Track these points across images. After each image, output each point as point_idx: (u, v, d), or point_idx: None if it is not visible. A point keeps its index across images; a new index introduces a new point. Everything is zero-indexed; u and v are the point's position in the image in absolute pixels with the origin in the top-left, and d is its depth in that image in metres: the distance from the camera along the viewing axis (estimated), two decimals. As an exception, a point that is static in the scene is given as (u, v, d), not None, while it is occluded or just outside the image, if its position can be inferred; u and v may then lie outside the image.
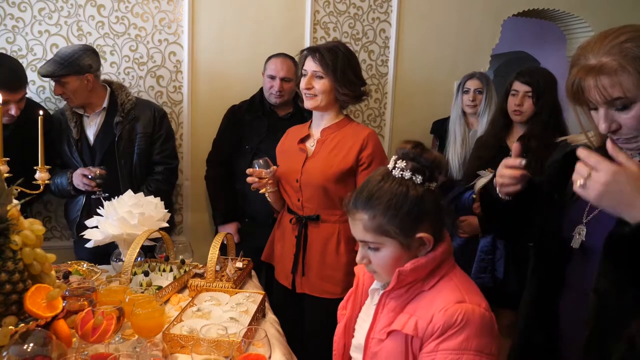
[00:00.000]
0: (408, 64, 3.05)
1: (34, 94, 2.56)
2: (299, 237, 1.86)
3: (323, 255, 1.83)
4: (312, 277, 1.84)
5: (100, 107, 2.35)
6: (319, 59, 1.77)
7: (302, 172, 1.83)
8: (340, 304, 1.28)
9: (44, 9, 2.53)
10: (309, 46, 1.83)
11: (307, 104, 1.82)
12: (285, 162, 1.93)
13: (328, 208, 1.83)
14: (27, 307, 0.97)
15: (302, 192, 1.84)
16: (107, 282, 1.61)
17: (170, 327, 1.34)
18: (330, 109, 1.85)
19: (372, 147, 1.80)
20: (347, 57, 1.80)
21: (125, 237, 1.73)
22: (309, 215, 1.85)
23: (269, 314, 1.59)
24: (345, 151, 1.80)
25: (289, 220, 1.90)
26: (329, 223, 1.83)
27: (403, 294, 1.07)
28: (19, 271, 0.98)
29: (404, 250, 1.05)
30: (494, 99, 2.57)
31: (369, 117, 3.06)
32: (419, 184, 1.05)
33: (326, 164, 1.80)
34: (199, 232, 2.86)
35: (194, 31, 2.72)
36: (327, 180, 1.79)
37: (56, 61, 2.20)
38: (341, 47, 1.81)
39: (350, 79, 1.80)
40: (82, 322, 1.14)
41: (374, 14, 2.96)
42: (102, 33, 2.61)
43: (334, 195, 1.80)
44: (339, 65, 1.76)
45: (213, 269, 1.65)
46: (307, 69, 1.80)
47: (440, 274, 1.07)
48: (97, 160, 2.32)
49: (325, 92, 1.79)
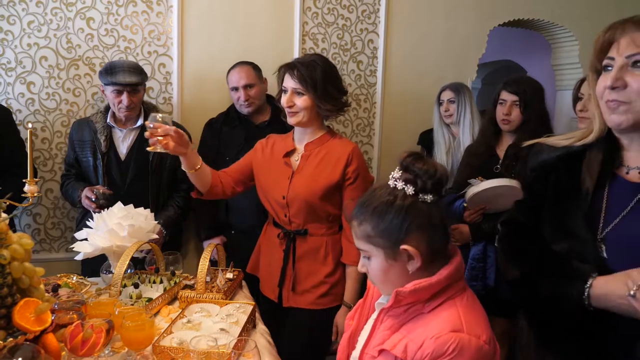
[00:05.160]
0: (396, 74, 3.09)
1: (23, 107, 2.56)
2: (287, 251, 1.85)
3: (311, 267, 1.83)
4: (301, 290, 1.84)
5: (135, 124, 2.37)
6: (297, 76, 1.73)
7: (289, 189, 1.80)
8: (348, 313, 1.25)
9: (33, 22, 2.53)
10: (286, 62, 1.80)
11: (290, 120, 1.80)
12: (268, 175, 1.88)
13: (315, 222, 1.82)
14: (16, 321, 0.97)
15: (289, 208, 1.81)
16: (96, 294, 1.60)
17: (160, 339, 1.33)
18: (313, 123, 1.83)
19: (357, 162, 1.79)
20: (326, 71, 1.76)
21: (115, 249, 1.73)
22: (297, 230, 1.84)
23: (259, 325, 1.59)
24: (331, 167, 1.79)
25: (277, 235, 1.88)
26: (317, 236, 1.83)
27: (401, 314, 1.02)
28: (7, 285, 0.98)
29: (391, 261, 1.01)
30: (469, 106, 2.67)
31: (358, 127, 3.09)
32: (411, 194, 0.99)
33: (312, 180, 1.78)
34: (187, 244, 2.85)
35: (183, 43, 2.74)
36: (314, 196, 1.77)
37: (132, 71, 2.25)
38: (319, 60, 1.77)
39: (331, 94, 1.77)
40: (71, 335, 1.14)
41: (362, 25, 3.01)
42: (91, 45, 2.62)
43: (320, 210, 1.80)
44: (318, 81, 1.73)
45: (203, 280, 1.65)
46: (287, 86, 1.77)
47: (444, 298, 1.00)
48: (129, 175, 2.35)
49: (307, 108, 1.76)
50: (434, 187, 0.99)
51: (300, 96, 1.75)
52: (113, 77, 2.24)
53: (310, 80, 1.72)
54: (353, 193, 1.78)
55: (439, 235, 1.01)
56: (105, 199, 2.15)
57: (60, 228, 2.70)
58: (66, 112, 2.63)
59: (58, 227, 2.69)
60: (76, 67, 2.62)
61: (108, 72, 2.26)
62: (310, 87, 1.73)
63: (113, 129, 2.38)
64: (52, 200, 2.66)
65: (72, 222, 2.65)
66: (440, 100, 2.76)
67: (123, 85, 2.24)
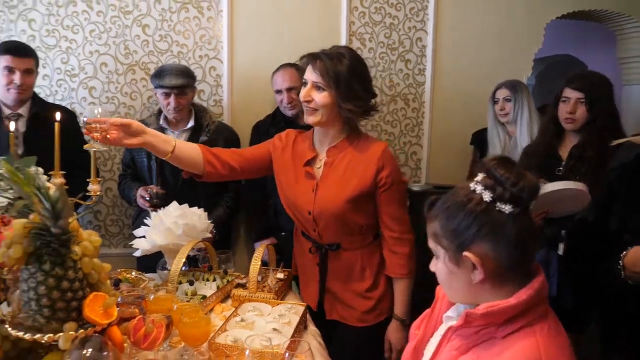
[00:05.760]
0: (446, 72, 3.03)
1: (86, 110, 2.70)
2: (322, 264, 1.73)
3: (349, 283, 1.72)
4: (340, 306, 1.74)
5: (186, 125, 2.45)
6: (319, 67, 1.54)
7: (315, 203, 1.64)
8: (414, 322, 1.19)
9: (94, 31, 2.67)
10: (310, 52, 1.60)
11: (307, 119, 1.61)
12: (290, 184, 1.71)
13: (348, 235, 1.68)
14: (86, 314, 1.02)
15: (317, 224, 1.66)
16: (154, 290, 1.67)
17: (215, 336, 1.37)
18: (333, 125, 1.63)
19: (390, 166, 1.62)
20: (354, 66, 1.56)
21: (171, 247, 1.78)
22: (329, 244, 1.70)
23: (310, 326, 1.59)
24: (359, 174, 1.61)
25: (309, 250, 1.76)
26: (350, 251, 1.70)
27: (472, 335, 0.93)
28: (78, 280, 1.03)
29: (453, 266, 0.95)
30: (527, 104, 2.56)
31: (406, 127, 3.05)
32: (487, 201, 0.91)
33: (339, 192, 1.61)
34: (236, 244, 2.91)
35: (232, 46, 2.80)
36: (342, 210, 1.61)
37: (178, 74, 2.33)
38: (347, 54, 1.57)
39: (356, 93, 1.56)
40: (134, 329, 1.19)
41: (410, 23, 2.97)
42: (147, 51, 2.73)
43: (351, 223, 1.64)
44: (343, 76, 1.53)
45: (255, 279, 1.68)
46: (307, 78, 1.58)
47: (521, 323, 0.89)
48: (181, 176, 2.43)
49: (326, 106, 1.56)
50: (514, 198, 0.89)
51: (320, 91, 1.56)
52: (161, 80, 2.33)
53: (334, 74, 1.53)
54: (390, 198, 1.64)
55: (511, 250, 0.90)
56: (158, 198, 2.23)
57: (118, 225, 2.83)
58: (124, 115, 2.75)
59: (116, 224, 2.82)
60: (133, 72, 2.73)
61: (157, 75, 2.36)
62: (332, 82, 1.53)
63: (165, 130, 2.46)
64: (111, 198, 2.80)
65: (129, 220, 2.77)
66: (495, 99, 2.66)
67: (170, 88, 2.32)
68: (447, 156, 3.09)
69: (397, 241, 1.67)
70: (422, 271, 1.64)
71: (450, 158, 3.09)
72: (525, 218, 0.91)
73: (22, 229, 0.98)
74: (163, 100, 2.37)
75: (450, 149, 3.08)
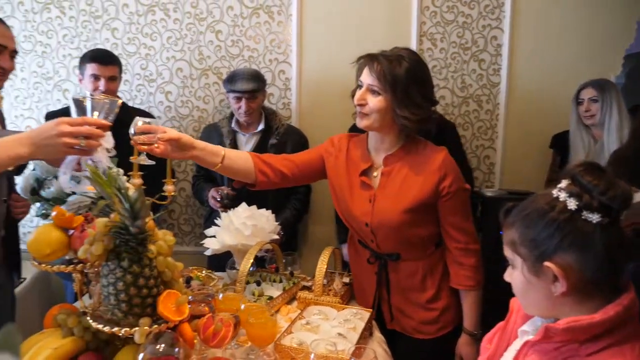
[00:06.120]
0: (523, 72, 2.87)
1: (162, 114, 2.83)
2: (380, 274, 1.69)
3: (409, 294, 1.67)
4: (400, 316, 1.69)
5: (256, 128, 2.52)
6: (376, 70, 1.46)
7: (373, 215, 1.59)
8: (486, 335, 1.14)
9: (171, 38, 2.80)
10: (368, 53, 1.53)
11: (359, 122, 1.55)
12: (345, 192, 1.66)
13: (408, 246, 1.62)
14: (160, 311, 1.06)
15: (375, 235, 1.62)
16: (223, 289, 1.71)
17: (281, 337, 1.37)
18: (389, 131, 1.57)
19: (452, 175, 1.54)
20: (414, 70, 1.46)
21: (240, 247, 1.82)
22: (389, 254, 1.65)
23: (375, 333, 1.56)
24: (419, 184, 1.54)
25: (367, 260, 1.71)
26: (411, 261, 1.64)
27: (551, 351, 0.88)
28: (153, 277, 1.08)
29: (532, 277, 0.90)
30: (616, 106, 2.36)
31: (479, 130, 2.93)
32: (572, 209, 0.85)
33: (398, 202, 1.55)
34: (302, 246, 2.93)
35: (301, 50, 2.83)
36: (402, 221, 1.55)
37: (250, 78, 2.40)
38: (408, 56, 1.48)
39: (413, 99, 1.47)
40: (204, 327, 1.22)
41: (485, 21, 2.84)
42: (219, 56, 2.82)
43: (412, 234, 1.59)
44: (400, 80, 1.44)
45: (321, 282, 1.67)
46: (363, 81, 1.51)
47: (609, 342, 0.83)
48: None
49: (380, 111, 1.49)
50: (603, 207, 0.83)
51: (375, 95, 1.49)
52: (233, 85, 2.39)
53: (391, 77, 1.44)
54: (453, 208, 1.57)
55: (598, 263, 0.84)
56: (228, 199, 2.29)
57: (190, 224, 2.94)
58: (197, 118, 2.86)
59: (189, 222, 2.94)
60: (206, 77, 2.84)
61: (229, 80, 2.43)
62: (389, 87, 1.45)
63: (237, 133, 2.53)
64: (184, 198, 2.92)
65: (201, 219, 2.88)
66: (579, 99, 2.48)
67: (241, 93, 2.38)
68: (523, 160, 2.92)
69: (463, 252, 1.60)
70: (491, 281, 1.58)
71: (526, 162, 2.92)
72: (615, 229, 0.85)
73: (104, 227, 1.03)
74: (235, 104, 2.44)
75: (527, 153, 2.91)
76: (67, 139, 1.08)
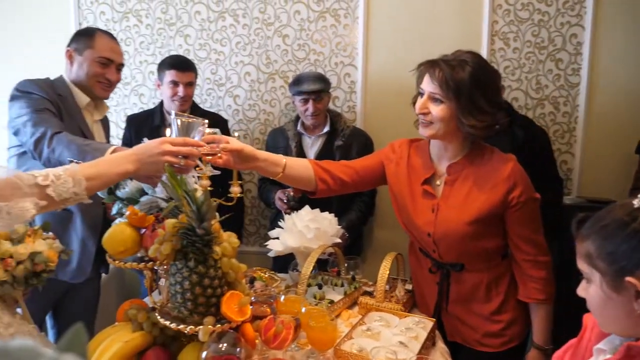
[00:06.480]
0: (606, 71, 2.67)
1: (230, 117, 2.92)
2: (442, 284, 1.62)
3: (472, 305, 1.60)
4: (462, 327, 1.62)
5: (322, 130, 2.55)
6: (438, 78, 1.40)
7: (435, 225, 1.53)
8: (556, 352, 1.09)
9: (240, 43, 2.88)
10: (428, 60, 1.47)
11: (422, 131, 1.50)
12: (406, 204, 1.61)
13: (473, 256, 1.55)
14: (223, 311, 1.09)
15: (438, 246, 1.56)
16: (285, 291, 1.72)
17: (341, 343, 1.36)
18: (453, 139, 1.51)
19: (522, 184, 1.45)
20: (478, 75, 1.39)
21: (302, 250, 1.84)
22: (452, 264, 1.59)
23: (438, 343, 1.51)
24: (485, 194, 1.47)
25: (428, 269, 1.66)
26: (475, 272, 1.57)
27: None
28: (218, 278, 1.11)
29: (611, 292, 0.85)
30: None
31: (555, 133, 2.76)
32: None
33: (463, 213, 1.48)
34: (367, 249, 2.90)
35: (367, 52, 2.80)
36: (466, 233, 1.48)
37: (315, 80, 2.44)
38: (472, 60, 1.41)
39: (479, 106, 1.40)
40: (265, 328, 1.24)
41: (563, 19, 2.67)
42: (285, 60, 2.87)
43: (477, 246, 1.52)
44: (464, 87, 1.38)
45: (383, 288, 1.64)
46: (424, 88, 1.45)
47: None
48: None
49: (444, 120, 1.43)
50: None
51: (437, 104, 1.43)
52: (299, 87, 2.42)
53: (454, 84, 1.38)
54: (522, 219, 1.48)
55: None
56: (294, 200, 2.32)
57: (255, 224, 3.01)
58: (263, 121, 2.92)
59: (254, 223, 3.01)
60: (273, 81, 2.89)
61: (295, 83, 2.46)
62: (452, 94, 1.39)
63: (303, 135, 2.56)
64: (250, 199, 2.99)
65: (266, 220, 2.94)
66: None
67: (308, 93, 2.41)
68: (604, 166, 2.71)
69: (532, 265, 1.51)
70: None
71: (607, 168, 2.71)
72: None
73: (172, 228, 1.08)
74: (301, 106, 2.46)
75: (609, 159, 2.70)
76: (169, 158, 1.15)
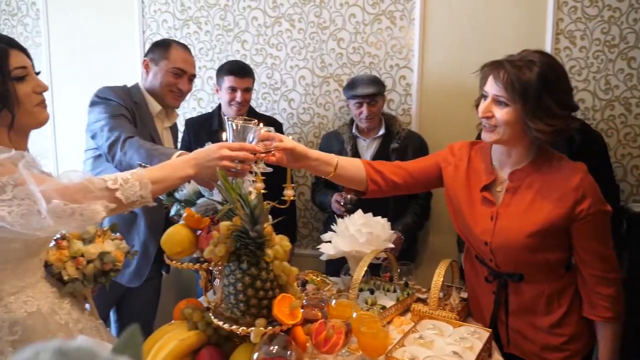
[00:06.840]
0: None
1: (285, 120, 2.96)
2: (499, 294, 1.55)
3: (529, 316, 1.52)
4: (520, 339, 1.55)
5: (377, 133, 2.55)
6: (502, 80, 1.32)
7: (494, 234, 1.46)
8: None
9: (295, 47, 2.91)
10: (493, 60, 1.40)
11: (485, 136, 1.43)
12: (464, 209, 1.55)
13: (533, 268, 1.47)
14: (274, 313, 1.10)
15: (495, 255, 1.50)
16: (337, 295, 1.72)
17: (393, 350, 1.34)
18: (517, 144, 1.43)
19: (591, 196, 1.36)
20: (546, 75, 1.30)
21: (354, 254, 1.83)
22: (510, 274, 1.51)
23: (495, 354, 1.45)
24: (551, 204, 1.38)
25: (485, 278, 1.59)
26: (534, 284, 1.49)
27: None
28: (270, 280, 1.12)
29: None
30: None
31: (626, 137, 2.58)
32: None
33: (524, 223, 1.40)
34: (422, 254, 2.84)
35: (423, 54, 2.75)
36: (526, 245, 1.41)
37: (370, 83, 2.44)
38: (540, 60, 1.32)
39: (548, 108, 1.31)
40: (316, 332, 1.24)
41: (637, 14, 2.51)
42: (340, 63, 2.87)
43: (538, 258, 1.43)
44: (531, 88, 1.29)
45: (436, 296, 1.60)
46: (488, 90, 1.38)
47: None
48: None
49: (509, 124, 1.35)
50: None
51: (502, 107, 1.35)
52: (354, 90, 2.42)
53: (520, 86, 1.30)
54: (590, 232, 1.39)
55: None
56: (351, 203, 2.31)
57: (308, 227, 3.03)
58: (317, 125, 2.94)
59: (307, 226, 3.03)
60: (327, 84, 2.90)
61: (350, 86, 2.46)
62: (518, 97, 1.31)
63: (358, 138, 2.55)
64: (303, 202, 3.01)
65: (319, 223, 2.95)
66: None
67: (362, 97, 2.40)
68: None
69: (600, 281, 1.41)
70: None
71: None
72: None
73: (226, 230, 1.10)
74: (355, 110, 2.46)
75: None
76: (227, 162, 1.19)
